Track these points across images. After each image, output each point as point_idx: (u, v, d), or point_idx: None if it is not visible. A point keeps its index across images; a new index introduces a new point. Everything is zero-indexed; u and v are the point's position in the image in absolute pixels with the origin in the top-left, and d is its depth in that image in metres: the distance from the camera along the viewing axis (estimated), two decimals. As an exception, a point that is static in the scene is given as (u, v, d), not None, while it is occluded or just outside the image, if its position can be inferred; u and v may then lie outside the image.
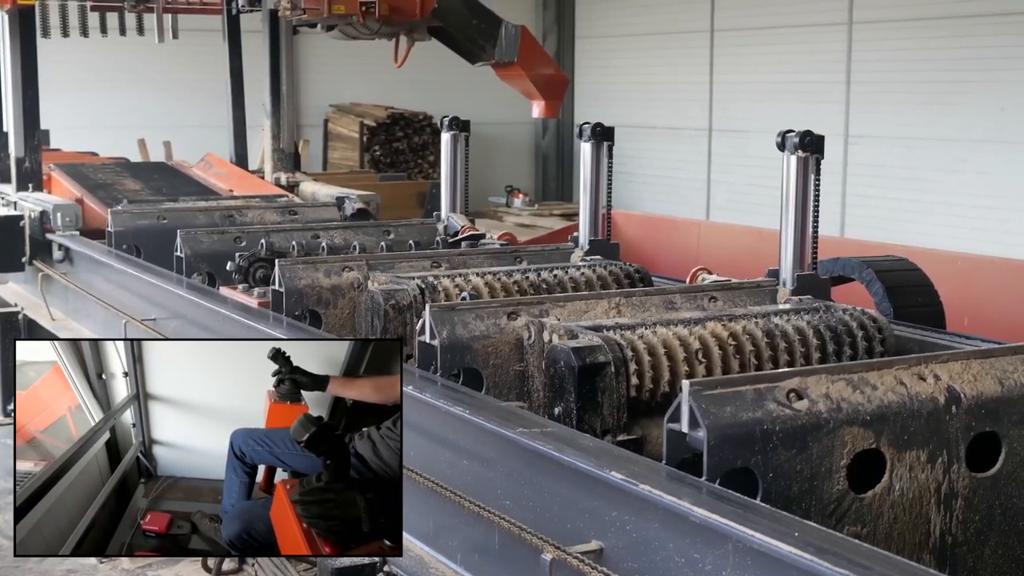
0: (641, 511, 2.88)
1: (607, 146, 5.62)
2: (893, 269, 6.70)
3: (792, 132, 4.51)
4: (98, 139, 13.98)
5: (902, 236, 12.51)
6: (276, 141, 9.36)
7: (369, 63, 16.55)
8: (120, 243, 6.96)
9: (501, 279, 4.84)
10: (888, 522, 3.18)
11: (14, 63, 8.43)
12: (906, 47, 14.05)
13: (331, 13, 7.79)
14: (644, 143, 17.46)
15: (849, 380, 3.23)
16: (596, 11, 19.38)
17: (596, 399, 3.61)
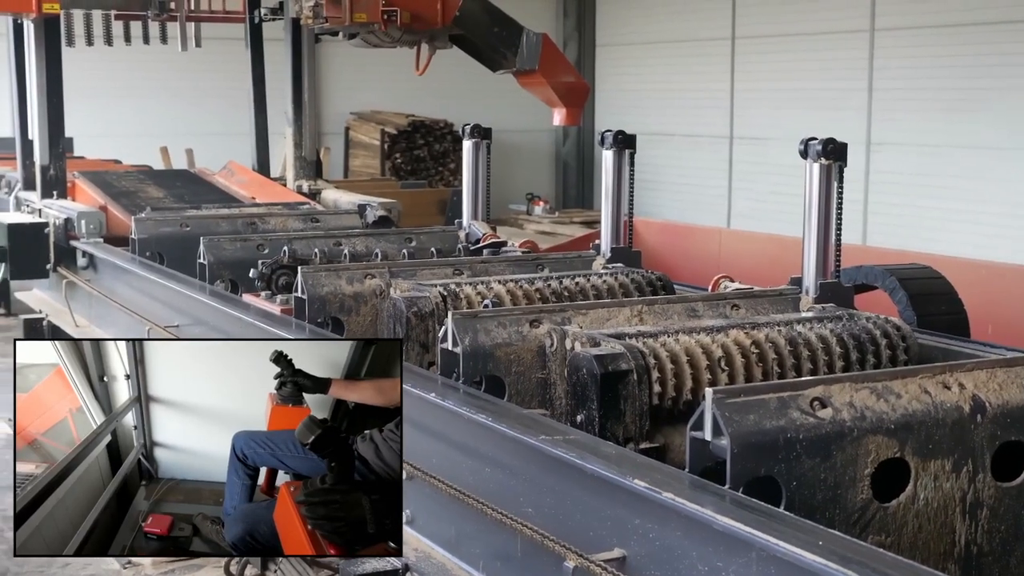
0: (664, 519, 2.88)
1: (629, 154, 5.62)
2: (916, 277, 6.67)
3: (815, 140, 4.50)
4: (121, 147, 14.04)
5: (924, 244, 12.46)
6: (298, 149, 9.40)
7: (390, 71, 16.56)
8: (143, 250, 6.99)
9: (523, 286, 4.84)
10: (912, 531, 3.17)
11: (39, 72, 8.48)
12: (928, 54, 14.00)
13: (353, 21, 7.83)
14: (665, 151, 17.43)
15: (873, 388, 3.22)
16: (617, 19, 19.37)
17: (619, 407, 3.60)
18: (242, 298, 5.70)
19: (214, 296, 5.72)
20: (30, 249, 7.96)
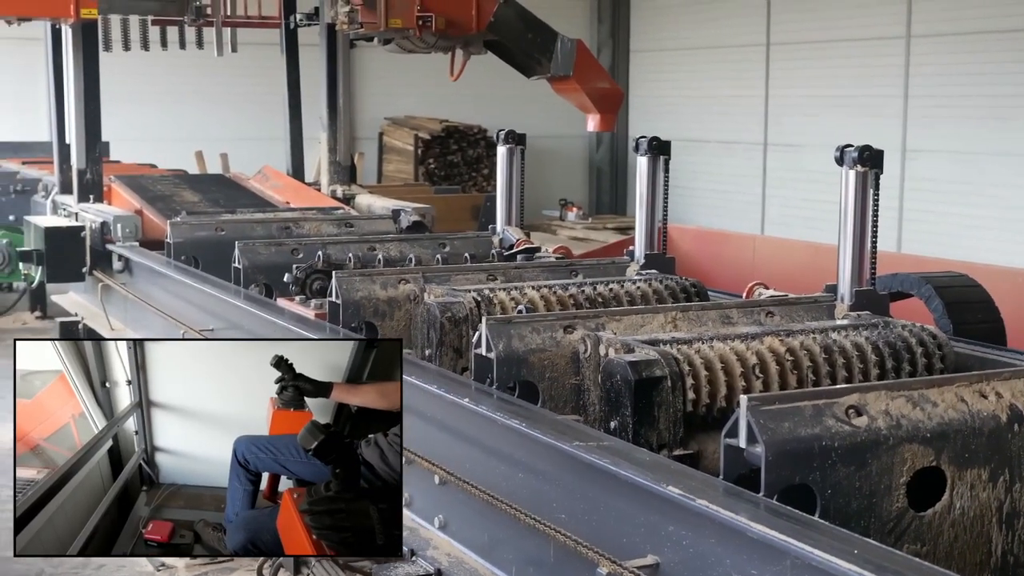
0: (698, 526, 2.87)
1: (663, 160, 5.61)
2: (953, 285, 6.63)
3: (851, 147, 4.48)
4: (157, 151, 14.14)
5: (960, 251, 12.37)
6: (333, 154, 9.43)
7: (424, 76, 16.63)
8: (179, 254, 7.03)
9: (557, 292, 4.84)
10: (949, 541, 3.15)
11: (77, 76, 8.55)
12: (965, 60, 13.91)
13: (388, 27, 7.85)
14: (699, 157, 17.39)
15: (909, 397, 3.20)
16: (651, 24, 19.34)
17: (652, 413, 3.60)
18: (276, 302, 5.73)
19: (249, 300, 5.74)
20: (66, 252, 8.02)
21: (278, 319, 5.26)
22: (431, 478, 3.91)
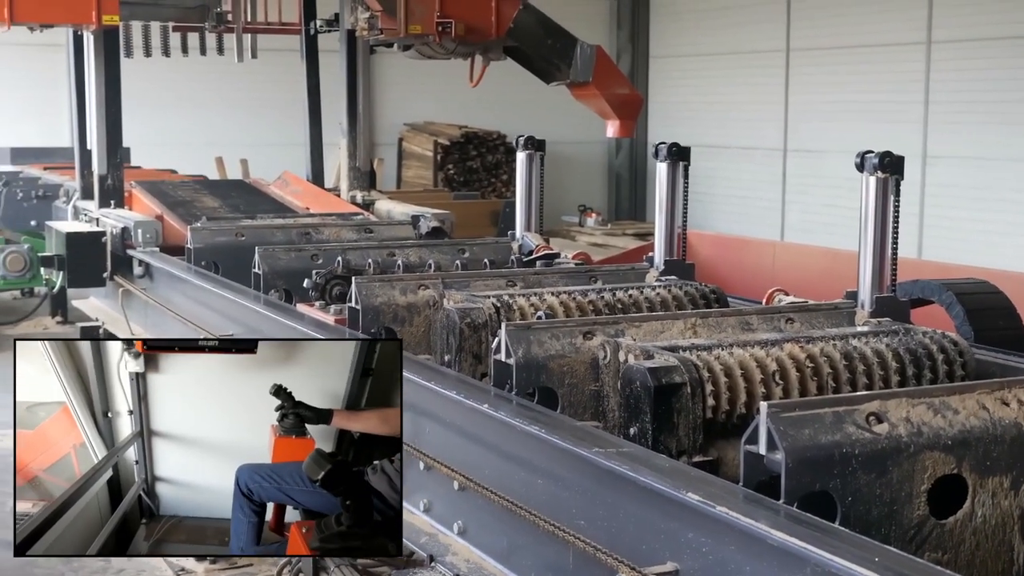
0: (718, 533, 2.86)
1: (683, 166, 5.61)
2: (974, 292, 6.60)
3: (871, 152, 4.46)
4: (177, 157, 14.18)
5: (981, 258, 12.31)
6: (352, 159, 9.44)
7: (443, 82, 16.62)
8: (199, 259, 7.06)
9: (576, 298, 4.84)
10: (970, 549, 3.13)
11: (99, 82, 8.59)
12: (985, 66, 13.85)
13: (408, 33, 7.86)
14: (718, 163, 17.36)
15: (930, 404, 3.19)
16: (670, 30, 19.32)
17: (672, 420, 3.59)
18: (296, 308, 5.74)
19: (268, 306, 5.76)
20: (87, 258, 8.06)
21: (298, 324, 5.27)
22: (450, 484, 3.91)
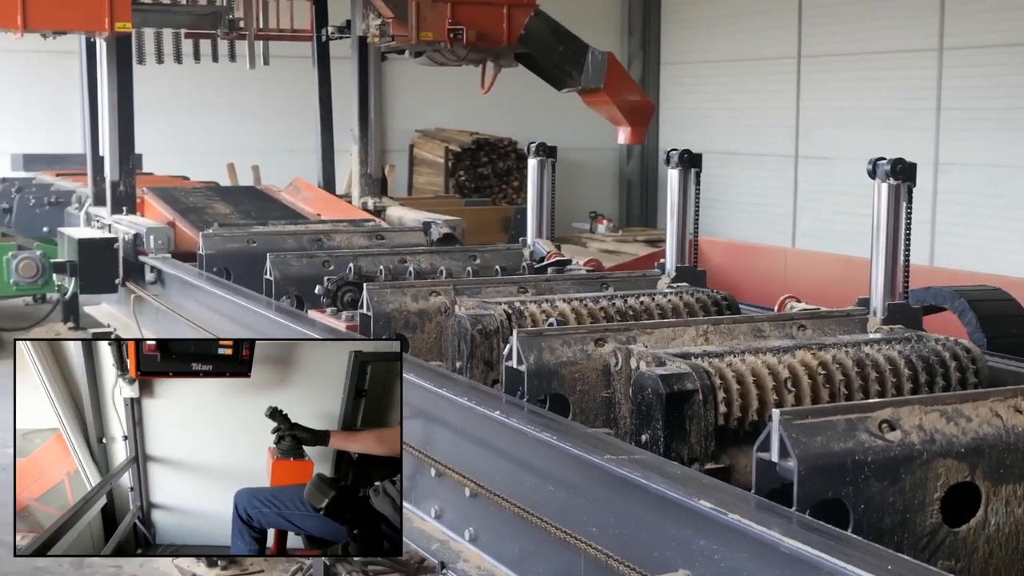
0: (730, 541, 2.85)
1: (694, 173, 5.60)
2: (986, 299, 6.59)
3: (883, 159, 4.46)
4: (189, 163, 14.22)
5: (993, 265, 12.27)
6: (363, 166, 9.45)
7: (455, 88, 16.64)
8: (211, 266, 7.06)
9: (588, 305, 4.84)
10: (983, 557, 3.12)
11: (111, 89, 8.60)
12: (997, 73, 13.82)
13: (419, 40, 7.88)
14: (729, 169, 17.34)
15: (943, 411, 3.18)
16: (682, 37, 19.32)
17: (684, 427, 3.58)
18: (308, 314, 5.74)
19: (280, 312, 5.76)
20: (99, 264, 8.07)
21: (309, 331, 5.27)
22: (462, 490, 3.91)
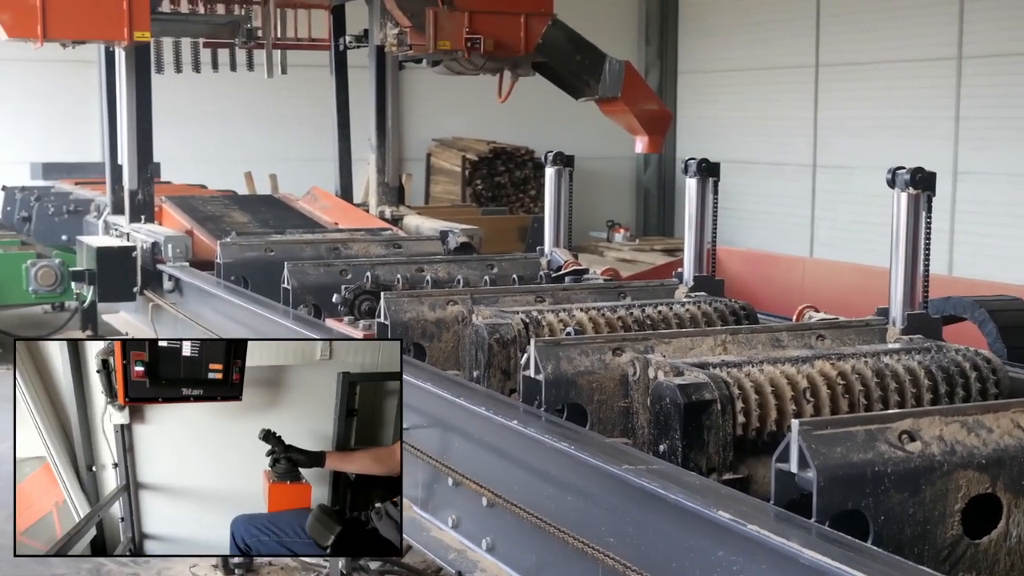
0: (749, 552, 2.84)
1: (712, 182, 5.58)
2: (1007, 309, 6.55)
3: (903, 169, 4.43)
4: (207, 172, 14.27)
5: (1013, 274, 12.22)
6: (381, 175, 9.45)
7: (472, 97, 16.66)
8: (228, 274, 7.08)
9: (605, 314, 4.82)
10: (1004, 570, 3.10)
11: (130, 98, 8.64)
12: (1016, 82, 13.78)
13: (437, 49, 7.88)
14: (747, 178, 17.32)
15: (963, 422, 3.16)
16: (699, 46, 19.31)
17: (702, 437, 3.57)
18: (325, 323, 5.74)
19: (297, 321, 5.77)
20: (117, 272, 8.09)
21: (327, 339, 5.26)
22: (479, 500, 3.90)
